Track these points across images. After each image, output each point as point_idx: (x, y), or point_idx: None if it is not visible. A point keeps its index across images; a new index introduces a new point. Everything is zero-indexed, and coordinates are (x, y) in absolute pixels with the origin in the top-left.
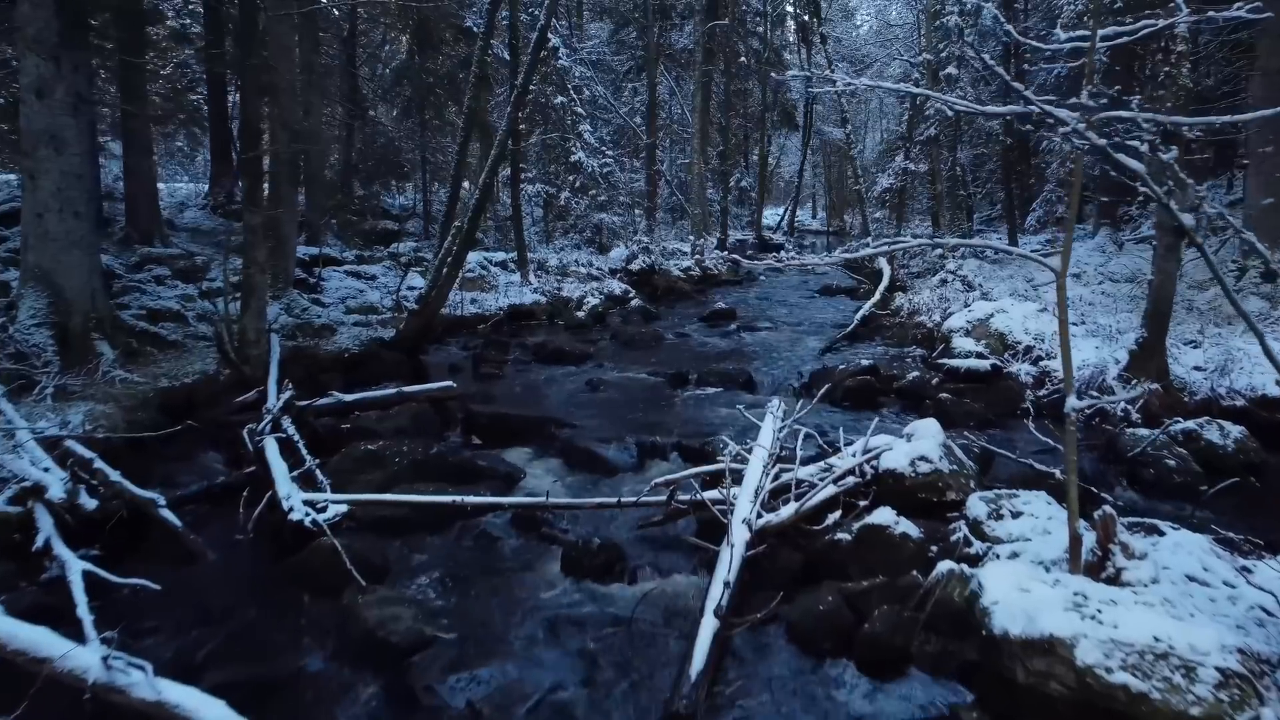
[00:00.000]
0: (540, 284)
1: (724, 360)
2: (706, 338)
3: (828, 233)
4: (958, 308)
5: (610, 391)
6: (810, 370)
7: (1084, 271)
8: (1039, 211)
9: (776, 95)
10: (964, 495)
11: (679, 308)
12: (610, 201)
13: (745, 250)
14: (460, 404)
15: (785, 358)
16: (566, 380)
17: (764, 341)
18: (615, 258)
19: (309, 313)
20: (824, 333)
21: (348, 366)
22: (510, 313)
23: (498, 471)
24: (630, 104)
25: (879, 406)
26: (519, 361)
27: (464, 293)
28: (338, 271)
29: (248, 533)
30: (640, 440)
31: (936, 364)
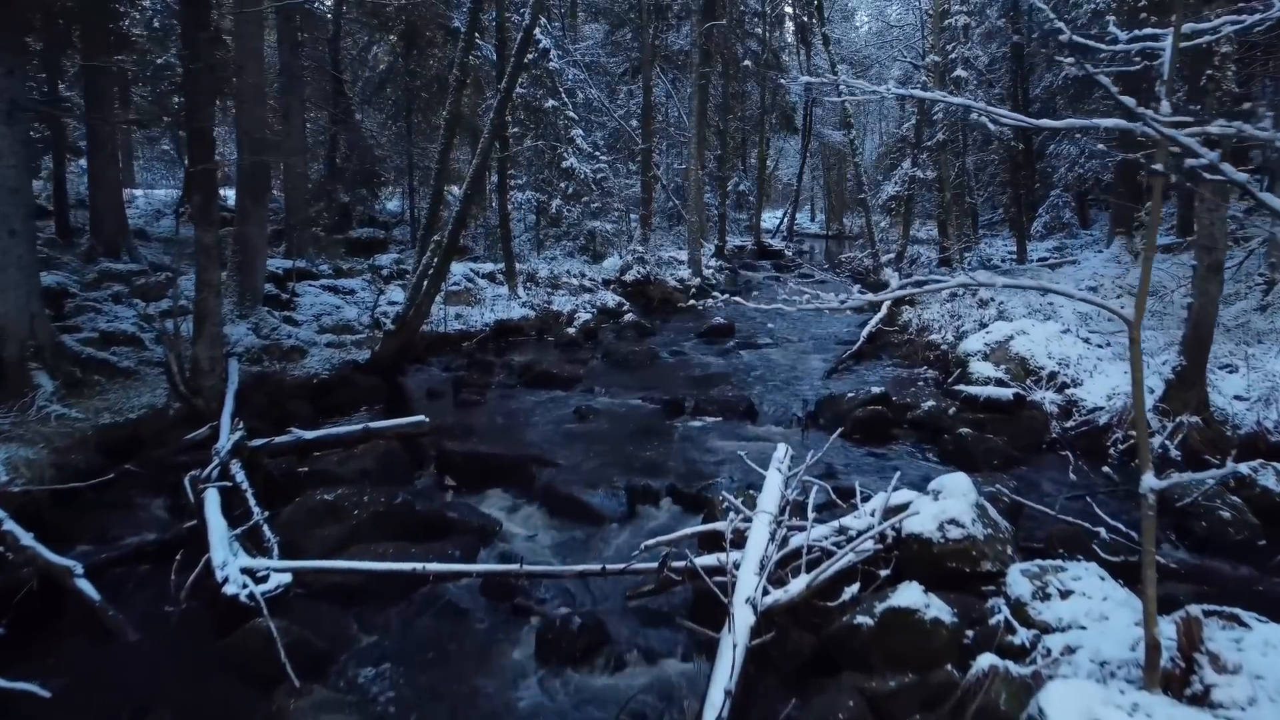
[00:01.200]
0: (529, 297)
1: (722, 384)
2: (703, 356)
3: (827, 236)
4: (971, 325)
5: (599, 421)
6: (816, 397)
7: (1101, 285)
8: (1045, 217)
9: (775, 98)
10: (1001, 566)
11: (675, 321)
12: (604, 208)
13: (744, 256)
14: (434, 440)
15: (788, 380)
16: (553, 407)
17: (764, 361)
18: (609, 267)
19: (279, 332)
20: (827, 349)
21: (317, 393)
22: (497, 329)
23: (470, 524)
24: (626, 107)
25: (892, 439)
26: (503, 385)
27: (448, 307)
28: (314, 286)
29: (180, 604)
30: (631, 484)
31: (952, 391)
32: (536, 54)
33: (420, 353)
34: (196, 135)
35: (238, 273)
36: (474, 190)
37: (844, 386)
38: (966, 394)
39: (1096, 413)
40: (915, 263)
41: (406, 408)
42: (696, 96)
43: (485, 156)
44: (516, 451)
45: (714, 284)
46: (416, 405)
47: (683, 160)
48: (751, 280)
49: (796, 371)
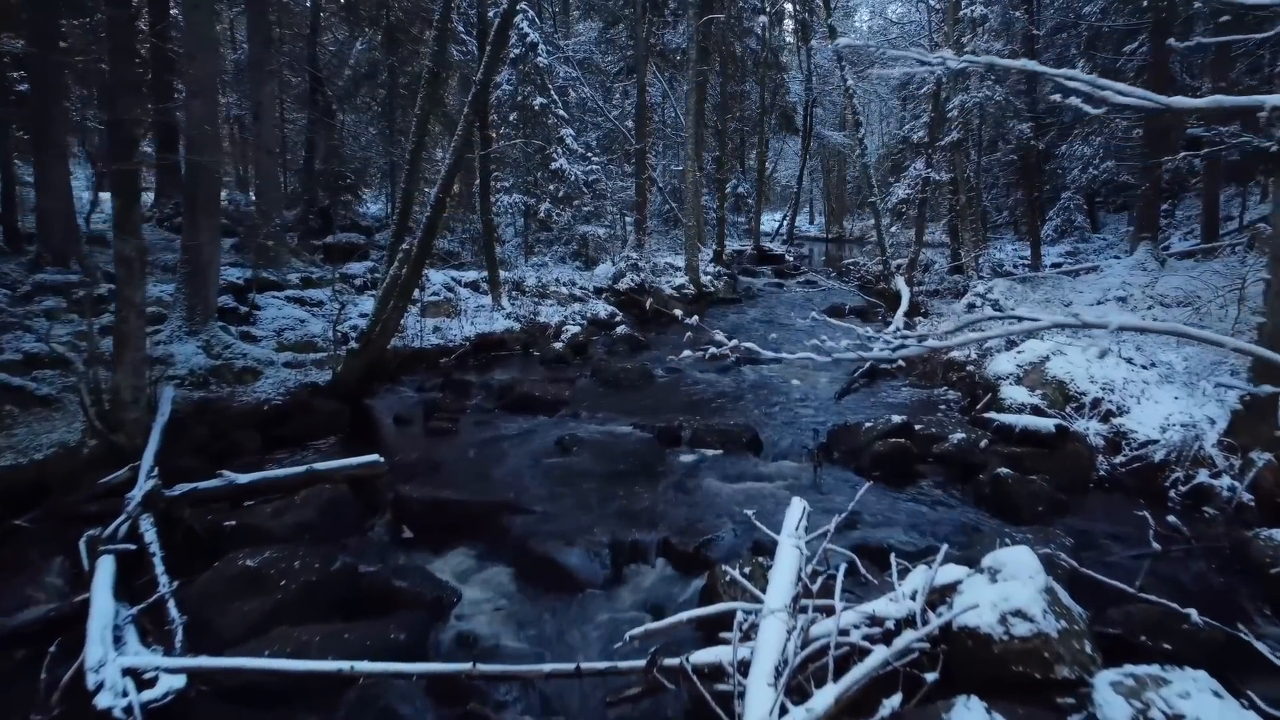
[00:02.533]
0: (514, 308)
1: (723, 408)
2: (702, 374)
3: (827, 239)
4: (996, 342)
5: (584, 455)
6: (828, 426)
7: (1130, 295)
8: (1055, 220)
9: (775, 97)
10: (1081, 671)
11: (671, 333)
12: (597, 212)
13: (743, 261)
14: (391, 482)
15: (795, 403)
16: (533, 437)
17: (768, 380)
18: (601, 274)
19: (232, 350)
20: (836, 366)
21: (269, 421)
22: (478, 343)
23: (422, 596)
24: (621, 107)
25: (917, 477)
26: (480, 410)
27: (426, 320)
28: (278, 298)
29: (51, 711)
30: (616, 538)
31: (982, 419)
32: (524, 49)
33: (392, 371)
34: (115, 130)
35: (187, 285)
36: (445, 194)
37: (858, 411)
38: (999, 423)
39: (1150, 447)
40: (927, 270)
41: (370, 436)
42: (694, 95)
43: (458, 156)
44: (486, 496)
45: (711, 291)
46: (382, 434)
47: (679, 162)
48: (751, 287)
49: (804, 392)
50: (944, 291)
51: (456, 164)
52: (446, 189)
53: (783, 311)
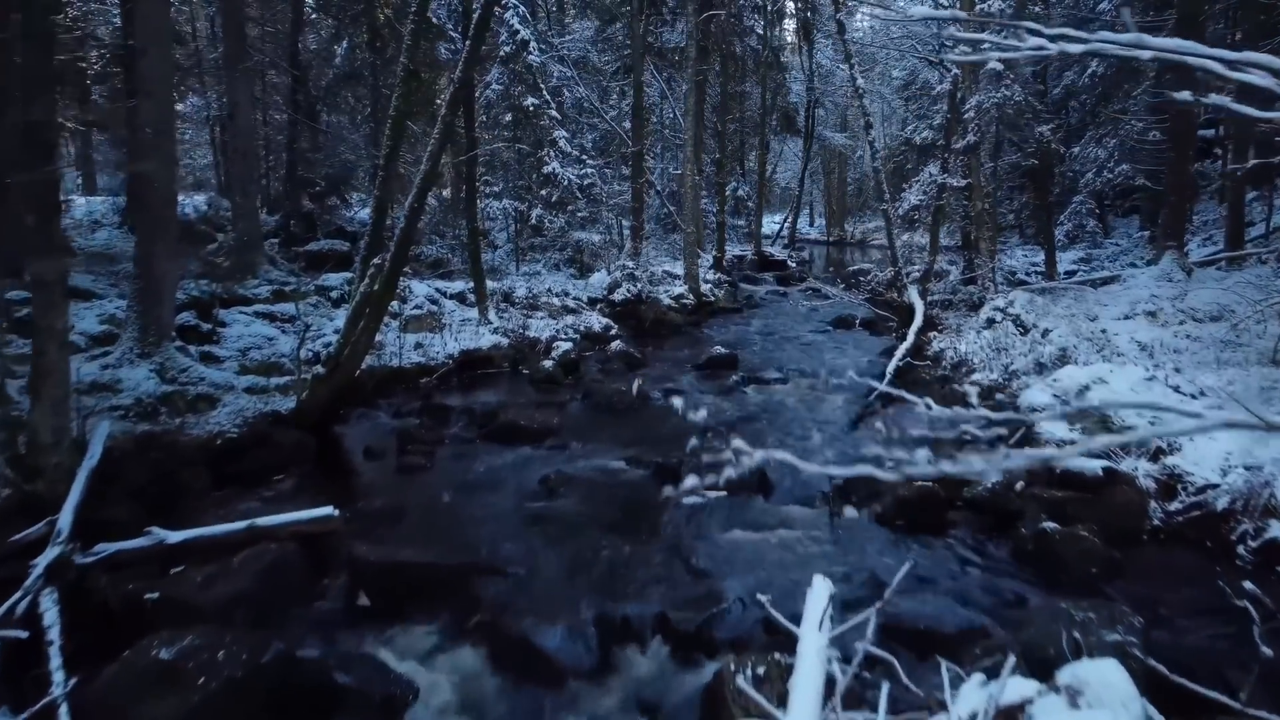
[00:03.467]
0: (502, 321)
1: (726, 439)
2: (703, 396)
3: (828, 242)
4: (1025, 364)
5: (572, 497)
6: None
7: (1160, 309)
8: (1066, 225)
9: (776, 97)
10: None
11: (669, 347)
12: (592, 218)
13: (744, 267)
14: (348, 537)
15: (804, 432)
16: (516, 474)
17: (774, 403)
18: (596, 284)
19: (189, 374)
20: (846, 386)
21: (223, 457)
22: (462, 361)
23: (370, 694)
24: (618, 108)
25: (947, 526)
26: (459, 440)
27: (407, 335)
28: (245, 313)
29: None
30: (605, 612)
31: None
32: (515, 46)
33: (368, 394)
34: (30, 132)
35: (139, 302)
36: (420, 203)
37: (874, 443)
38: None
39: (1210, 492)
40: (938, 279)
41: (335, 473)
42: (693, 94)
43: (435, 161)
44: (457, 554)
45: (711, 300)
46: (348, 470)
47: (677, 165)
48: (753, 296)
49: (814, 419)
50: (957, 303)
51: (433, 169)
52: (423, 197)
53: (787, 323)
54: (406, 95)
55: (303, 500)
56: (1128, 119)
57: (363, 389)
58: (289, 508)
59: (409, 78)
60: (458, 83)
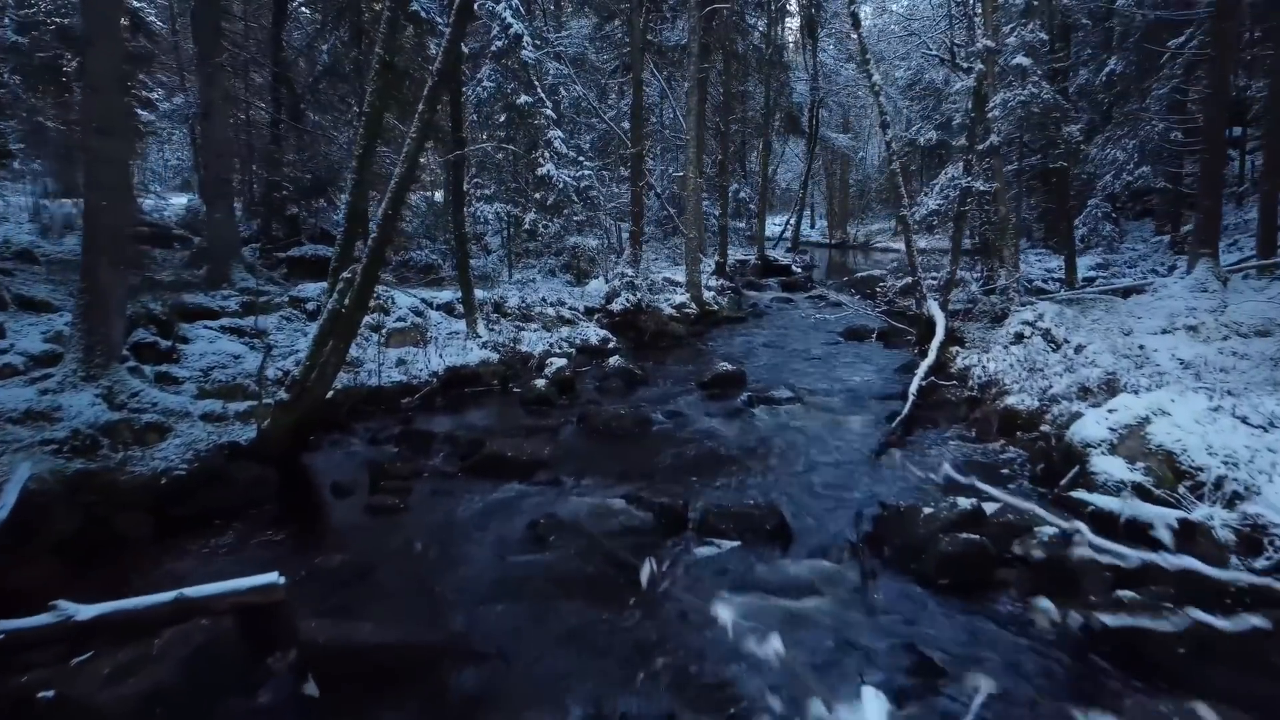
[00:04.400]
0: (492, 335)
1: (735, 470)
2: (708, 420)
3: (830, 245)
4: (1064, 386)
5: (564, 548)
6: (870, 504)
7: (1202, 323)
8: (1082, 229)
9: (779, 97)
10: None
11: (671, 361)
12: (589, 222)
13: (747, 272)
14: (299, 607)
15: (822, 462)
16: (501, 517)
17: (786, 427)
18: (593, 292)
19: (140, 400)
20: (864, 407)
21: (168, 498)
22: (448, 378)
23: None
24: (616, 108)
25: (998, 588)
26: (439, 475)
27: (389, 351)
28: (211, 328)
29: None
30: (600, 711)
31: (1070, 500)
32: (507, 41)
33: (342, 417)
34: None
35: (84, 319)
36: (396, 210)
37: (902, 477)
38: (1095, 509)
39: None
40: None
41: (296, 516)
42: (695, 93)
43: (412, 163)
44: (425, 632)
45: (714, 309)
46: (310, 513)
47: (678, 166)
48: (758, 303)
49: (832, 447)
50: (978, 314)
51: (411, 170)
52: (399, 203)
53: (795, 335)
54: (383, 89)
55: (254, 552)
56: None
57: (336, 411)
58: (239, 560)
59: (385, 70)
60: (437, 75)
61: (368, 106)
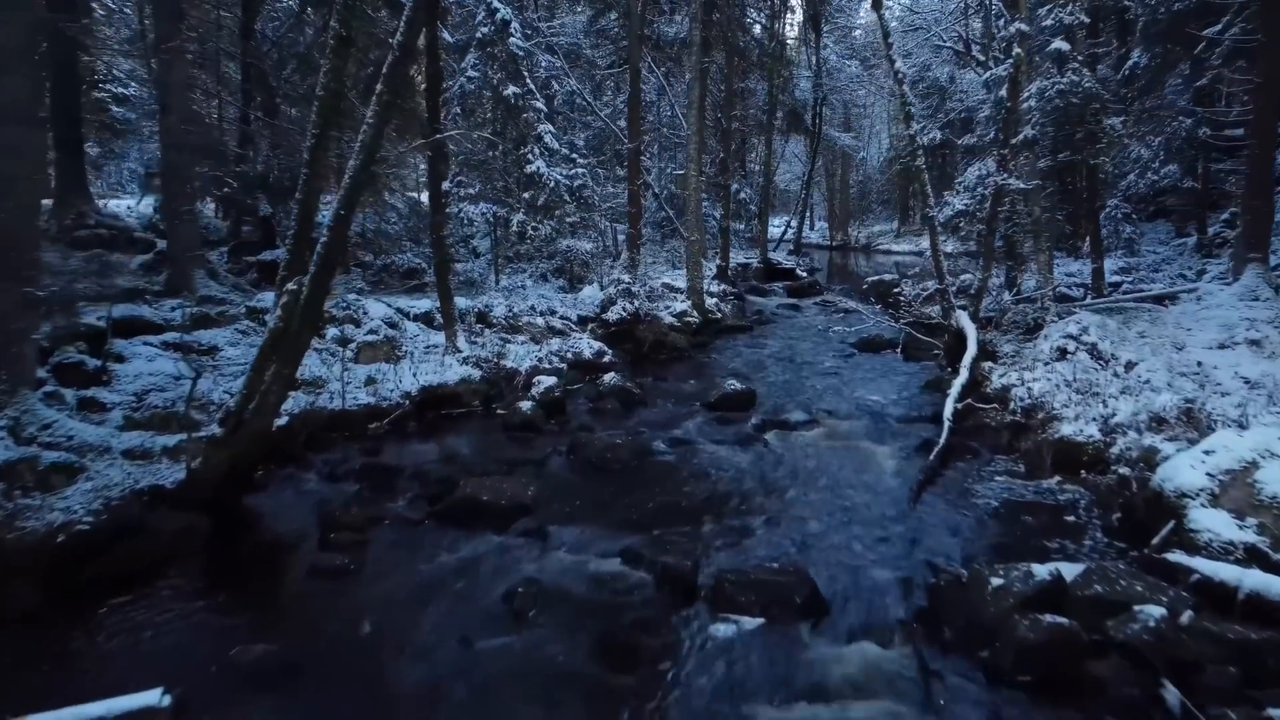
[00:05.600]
0: (474, 348)
1: (750, 522)
2: (716, 450)
3: (830, 247)
4: (1129, 413)
5: (547, 626)
6: (920, 573)
7: (1265, 337)
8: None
9: (781, 94)
10: None
11: (672, 377)
12: (583, 223)
13: (750, 276)
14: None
15: (853, 511)
16: (473, 581)
17: (804, 459)
18: (587, 299)
19: (54, 432)
20: (891, 433)
21: (71, 557)
22: (423, 399)
23: None
24: (613, 105)
25: (1095, 689)
26: (403, 522)
27: (358, 367)
28: (152, 344)
29: None
30: None
31: (1164, 563)
32: (493, 28)
33: (299, 447)
34: None
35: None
36: (348, 211)
37: (949, 525)
38: (1200, 577)
39: None
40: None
41: (225, 579)
42: (696, 85)
43: (369, 155)
44: None
45: (717, 317)
46: (244, 574)
47: (677, 165)
48: (763, 310)
49: (860, 485)
50: (1006, 324)
51: (366, 164)
52: (352, 203)
53: (805, 345)
54: (338, 70)
55: (159, 637)
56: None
57: (292, 440)
58: (138, 647)
59: (342, 45)
60: (399, 49)
61: (321, 88)
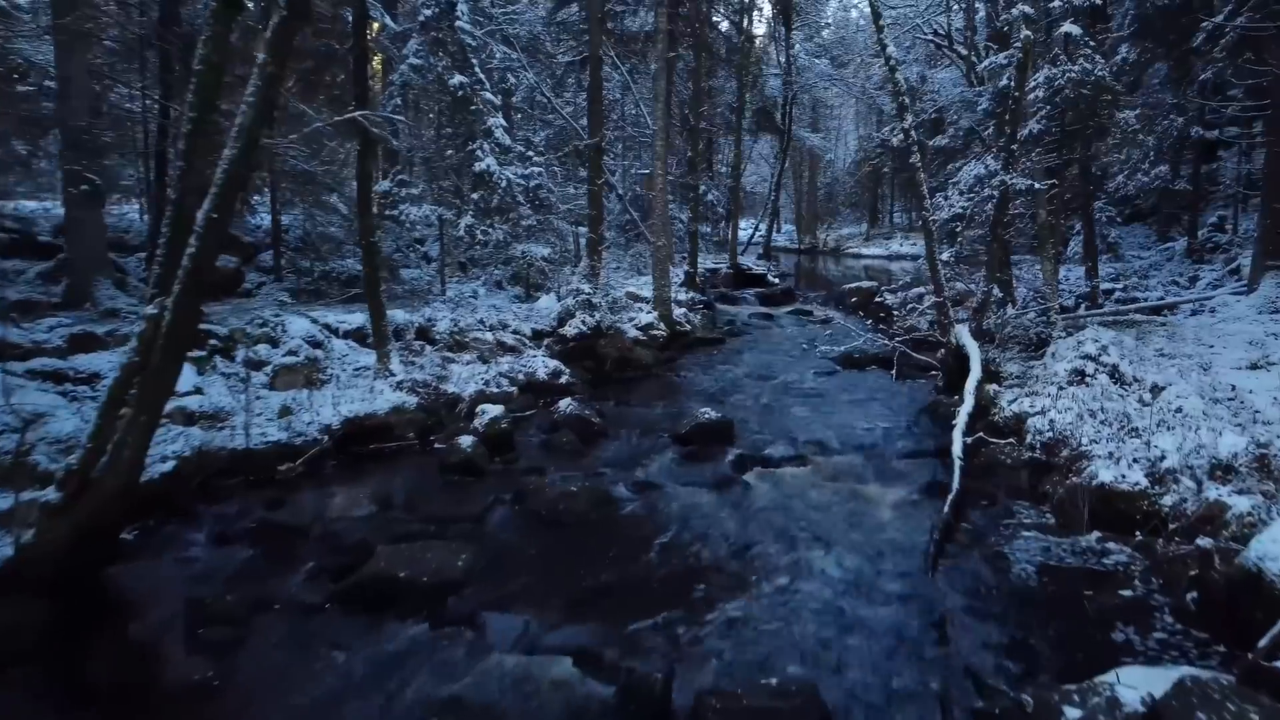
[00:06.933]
0: (409, 371)
1: (734, 605)
2: (689, 496)
3: (799, 251)
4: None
5: None
6: (962, 694)
7: None
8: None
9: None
10: None
11: (638, 400)
12: (540, 227)
13: (719, 283)
14: None
15: (859, 586)
16: (374, 703)
17: (795, 510)
18: (544, 310)
19: None
20: (891, 472)
21: None
22: (347, 433)
23: None
24: (574, 104)
25: None
26: (297, 609)
27: (273, 394)
28: (14, 373)
29: None
30: None
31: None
32: (438, 8)
33: (188, 498)
34: None
35: None
36: (224, 212)
37: (981, 608)
38: None
39: None
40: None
41: (52, 704)
42: (663, 76)
43: (249, 141)
44: None
45: (686, 330)
46: (75, 697)
47: (642, 165)
48: (735, 320)
49: (864, 546)
50: (1006, 339)
51: (245, 153)
52: (227, 204)
53: (782, 361)
54: (220, 39)
55: None
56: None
57: (182, 489)
58: None
59: (227, 9)
60: (286, 6)
61: (200, 62)
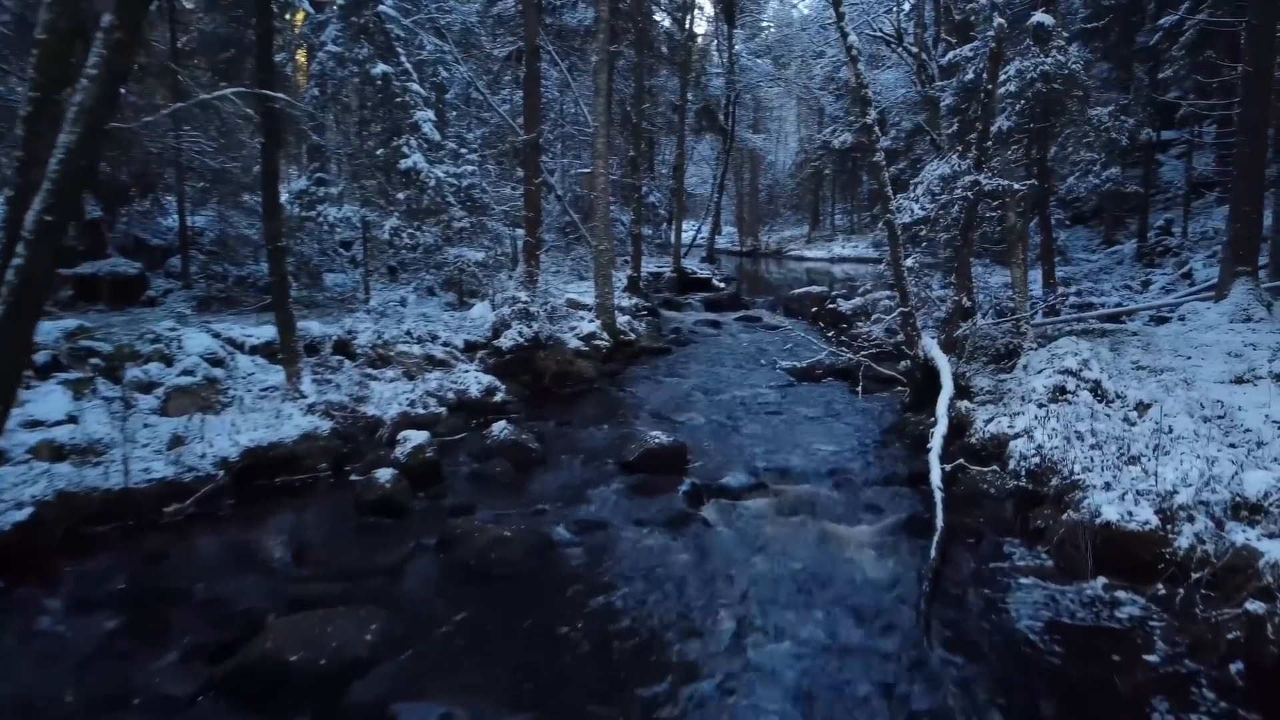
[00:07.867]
0: (325, 392)
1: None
2: (640, 538)
3: (741, 253)
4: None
5: None
6: None
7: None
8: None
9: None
10: None
11: (579, 420)
12: (474, 229)
13: (663, 287)
14: None
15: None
16: None
17: (759, 552)
18: (477, 319)
19: None
20: (861, 502)
21: None
22: (248, 465)
23: None
24: (511, 101)
25: None
26: (160, 707)
27: (165, 421)
28: None
29: None
30: None
31: None
32: None
33: (51, 551)
34: None
35: None
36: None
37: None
38: None
39: None
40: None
41: None
42: (602, 71)
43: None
44: None
45: (631, 339)
46: None
47: (582, 164)
48: (681, 327)
49: (840, 598)
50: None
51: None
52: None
53: (734, 373)
54: (69, 6)
55: None
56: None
57: (43, 540)
58: None
59: None
60: None
61: (44, 30)
